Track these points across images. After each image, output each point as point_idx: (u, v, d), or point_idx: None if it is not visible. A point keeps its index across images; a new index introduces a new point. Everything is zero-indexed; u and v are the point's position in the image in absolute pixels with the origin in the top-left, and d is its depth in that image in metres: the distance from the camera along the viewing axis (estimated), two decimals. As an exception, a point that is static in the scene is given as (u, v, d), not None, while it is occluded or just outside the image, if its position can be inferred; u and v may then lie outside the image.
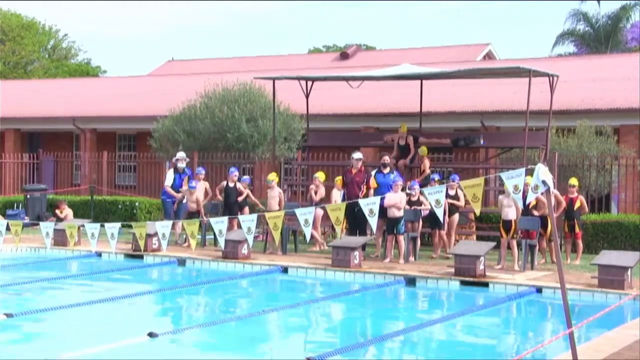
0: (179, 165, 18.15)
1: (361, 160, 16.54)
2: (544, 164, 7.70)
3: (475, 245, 13.97)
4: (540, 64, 23.57)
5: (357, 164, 16.36)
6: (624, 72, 25.06)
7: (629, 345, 8.61)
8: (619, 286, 12.13)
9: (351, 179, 16.33)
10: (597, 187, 19.39)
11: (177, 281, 14.68)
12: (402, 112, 23.42)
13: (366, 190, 16.11)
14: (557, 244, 7.88)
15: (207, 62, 41.06)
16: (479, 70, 19.37)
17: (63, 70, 50.75)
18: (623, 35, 42.77)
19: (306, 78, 19.40)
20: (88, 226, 12.28)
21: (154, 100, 30.08)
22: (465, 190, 8.33)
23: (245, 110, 22.59)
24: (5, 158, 28.66)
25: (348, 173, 16.50)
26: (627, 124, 22.46)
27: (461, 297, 12.91)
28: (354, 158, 16.49)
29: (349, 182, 16.37)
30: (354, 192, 16.01)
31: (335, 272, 14.22)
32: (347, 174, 16.51)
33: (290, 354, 9.12)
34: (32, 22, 52.01)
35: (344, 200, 15.93)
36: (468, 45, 39.05)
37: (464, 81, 23.56)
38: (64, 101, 33.24)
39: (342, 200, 16.09)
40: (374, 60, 33.95)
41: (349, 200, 14.00)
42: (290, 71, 27.12)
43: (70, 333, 9.80)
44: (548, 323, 11.52)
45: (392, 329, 10.41)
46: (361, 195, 15.70)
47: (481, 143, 18.78)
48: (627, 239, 16.66)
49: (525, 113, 16.71)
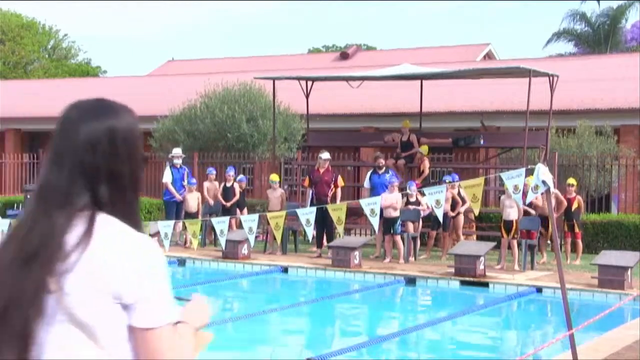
0: (175, 162, 18.14)
1: (328, 161, 16.66)
2: (544, 164, 7.70)
3: (475, 245, 13.97)
4: (540, 64, 23.56)
5: (324, 164, 16.53)
6: (623, 72, 25.04)
7: (629, 345, 8.62)
8: (619, 286, 12.13)
9: (320, 179, 16.43)
10: (597, 187, 19.38)
11: (177, 281, 14.68)
12: (402, 112, 23.40)
13: (334, 189, 16.34)
14: (557, 244, 7.87)
15: (207, 62, 41.04)
16: (479, 70, 19.37)
17: (63, 70, 50.73)
18: (622, 35, 42.75)
19: (306, 78, 19.40)
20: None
21: (154, 100, 30.06)
22: (465, 190, 8.34)
23: (246, 110, 22.59)
24: (5, 158, 28.66)
25: (316, 172, 16.60)
26: (627, 124, 22.45)
27: (461, 297, 12.91)
28: (321, 158, 16.62)
29: (317, 181, 16.47)
30: (323, 191, 16.25)
31: (335, 272, 14.22)
32: (315, 173, 16.62)
33: (290, 354, 9.12)
34: (32, 22, 52.01)
35: (312, 199, 16.18)
36: (468, 45, 39.05)
37: (464, 81, 23.55)
38: (64, 101, 32.70)
39: (311, 199, 16.38)
40: (374, 60, 33.94)
41: (350, 201, 13.99)
42: (290, 71, 27.09)
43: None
44: (548, 323, 11.53)
45: (392, 329, 10.42)
46: (330, 195, 16.15)
47: (481, 143, 18.78)
48: (627, 239, 16.66)
49: (525, 113, 16.71)
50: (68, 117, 2.05)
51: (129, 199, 2.02)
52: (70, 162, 1.98)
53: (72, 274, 1.88)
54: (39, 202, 1.97)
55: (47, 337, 1.88)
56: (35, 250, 1.90)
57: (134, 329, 1.91)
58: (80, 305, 1.88)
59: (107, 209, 1.98)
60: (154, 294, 1.92)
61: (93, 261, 1.89)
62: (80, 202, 1.95)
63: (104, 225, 1.94)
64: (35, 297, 1.87)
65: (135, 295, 1.90)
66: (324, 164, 16.53)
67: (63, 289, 1.87)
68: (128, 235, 1.95)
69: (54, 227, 1.91)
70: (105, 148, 1.99)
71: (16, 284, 1.88)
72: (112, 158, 2.00)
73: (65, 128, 2.03)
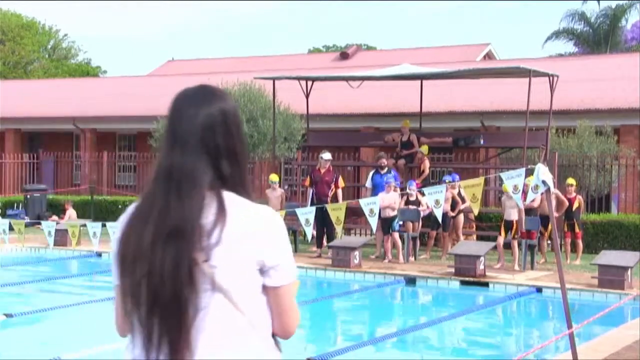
0: None
1: (330, 161, 16.64)
2: (544, 164, 7.70)
3: (475, 245, 13.98)
4: (540, 64, 23.55)
5: (325, 164, 16.54)
6: (623, 72, 25.03)
7: (629, 345, 8.62)
8: (619, 286, 12.13)
9: (320, 179, 16.44)
10: (597, 187, 19.38)
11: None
12: (402, 112, 23.39)
13: (335, 189, 16.35)
14: (557, 244, 7.87)
15: (207, 62, 41.03)
16: (479, 70, 19.37)
17: (63, 70, 50.73)
18: (622, 35, 42.74)
19: (306, 78, 19.40)
20: (90, 225, 12.30)
21: (154, 100, 30.00)
22: (465, 190, 8.34)
23: (245, 110, 22.59)
24: (5, 158, 28.66)
25: (316, 172, 16.60)
26: (627, 124, 22.44)
27: (461, 297, 12.92)
28: (322, 158, 16.60)
29: (318, 181, 16.47)
30: (323, 191, 16.26)
31: (335, 272, 14.22)
32: (316, 172, 16.61)
33: (291, 354, 9.10)
34: (32, 22, 52.01)
35: (312, 199, 16.18)
36: (468, 45, 39.03)
37: (464, 81, 23.54)
38: (64, 101, 33.22)
39: (312, 198, 16.36)
40: (374, 60, 33.92)
41: (349, 200, 13.99)
42: (290, 71, 27.08)
43: (70, 333, 9.81)
44: (548, 323, 11.52)
45: (392, 329, 10.42)
46: (330, 195, 16.13)
47: (481, 143, 18.78)
48: (627, 239, 16.66)
49: (525, 113, 16.71)
50: (182, 103, 2.27)
51: (243, 174, 2.28)
52: (194, 143, 2.20)
53: (217, 247, 2.13)
54: (167, 183, 2.18)
55: (197, 304, 2.12)
56: (177, 229, 2.12)
57: (268, 288, 2.23)
58: (225, 274, 2.14)
59: (228, 185, 2.22)
60: (284, 256, 2.24)
61: (233, 234, 2.15)
62: (207, 179, 2.19)
63: (232, 201, 2.20)
64: (185, 270, 2.10)
65: (273, 259, 2.21)
66: (325, 164, 16.53)
67: (209, 261, 2.12)
68: (255, 207, 2.23)
69: (191, 206, 2.14)
70: (221, 128, 2.24)
71: (165, 259, 2.11)
72: (227, 136, 2.24)
73: (182, 113, 2.24)
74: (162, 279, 2.11)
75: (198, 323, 2.13)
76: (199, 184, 2.17)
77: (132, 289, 2.16)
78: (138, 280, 2.14)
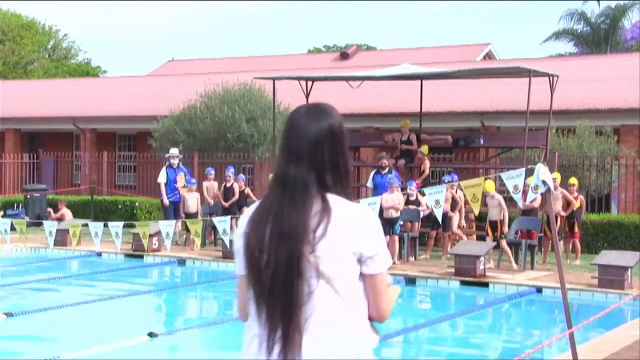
0: (171, 162, 18.09)
1: None
2: (544, 164, 7.70)
3: (475, 245, 13.96)
4: (540, 64, 23.55)
5: None
6: (623, 72, 25.03)
7: (629, 345, 8.62)
8: (619, 286, 12.13)
9: None
10: (597, 187, 19.38)
11: (177, 281, 14.69)
12: (402, 112, 23.39)
13: None
14: (557, 244, 7.87)
15: (207, 62, 41.02)
16: (479, 70, 19.36)
17: (63, 70, 50.74)
18: (622, 35, 42.72)
19: (306, 78, 19.39)
20: (92, 225, 12.29)
21: (154, 100, 30.06)
22: (465, 190, 8.33)
23: (245, 110, 22.59)
24: (5, 158, 28.64)
25: None
26: (627, 124, 22.43)
27: (461, 297, 12.92)
28: None
29: None
30: None
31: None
32: None
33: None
34: (32, 22, 52.01)
35: None
36: (468, 45, 39.02)
37: (464, 81, 23.54)
38: (64, 101, 33.22)
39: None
40: (374, 60, 33.92)
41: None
42: (290, 71, 27.08)
43: (70, 333, 9.81)
44: (548, 323, 11.52)
45: (392, 329, 10.41)
46: None
47: (481, 143, 18.77)
48: (627, 239, 16.65)
49: (526, 113, 16.70)
50: (298, 121, 2.72)
51: (344, 181, 2.71)
52: (304, 158, 2.65)
53: (322, 241, 2.55)
54: (283, 190, 2.63)
55: (305, 289, 2.54)
56: (290, 227, 2.56)
57: (365, 275, 2.63)
58: (328, 264, 2.55)
59: (331, 190, 2.65)
60: (380, 247, 2.65)
61: (337, 229, 2.57)
62: (314, 187, 2.63)
63: (335, 202, 2.62)
64: (295, 261, 2.54)
65: (371, 250, 2.61)
66: None
67: (315, 253, 2.54)
68: (354, 206, 2.66)
69: (302, 209, 2.58)
70: (327, 145, 2.70)
71: (281, 251, 2.55)
72: (332, 152, 2.70)
73: (297, 131, 2.69)
74: (277, 269, 2.54)
75: (305, 305, 2.54)
76: (308, 192, 2.61)
77: (255, 278, 2.60)
78: (261, 270, 2.58)
